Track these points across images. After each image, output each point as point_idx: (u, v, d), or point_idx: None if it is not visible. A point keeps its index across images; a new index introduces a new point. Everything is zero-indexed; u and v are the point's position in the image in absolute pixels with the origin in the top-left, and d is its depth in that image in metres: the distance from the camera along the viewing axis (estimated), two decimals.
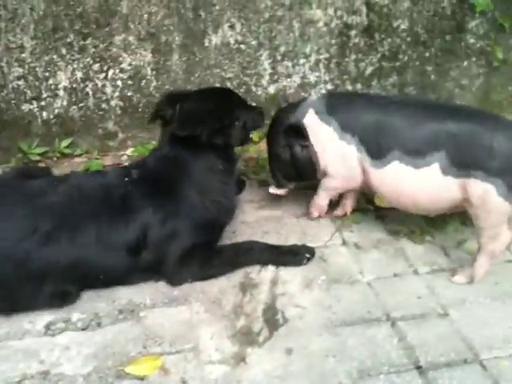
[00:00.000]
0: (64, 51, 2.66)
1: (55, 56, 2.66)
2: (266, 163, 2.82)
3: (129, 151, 2.92)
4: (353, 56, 3.02)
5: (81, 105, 2.80)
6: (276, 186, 2.37)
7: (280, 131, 2.21)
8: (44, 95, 2.74)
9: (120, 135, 2.90)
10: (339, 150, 2.08)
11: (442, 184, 1.92)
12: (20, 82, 2.69)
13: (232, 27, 2.78)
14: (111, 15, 2.63)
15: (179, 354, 1.78)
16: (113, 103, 2.82)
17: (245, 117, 2.20)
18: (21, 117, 2.76)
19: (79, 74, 2.73)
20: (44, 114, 2.78)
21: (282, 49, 2.91)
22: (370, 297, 2.02)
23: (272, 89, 3.01)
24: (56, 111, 2.79)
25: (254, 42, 2.85)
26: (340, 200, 2.41)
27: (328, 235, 2.34)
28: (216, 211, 2.14)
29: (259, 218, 2.45)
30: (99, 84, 2.77)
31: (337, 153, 2.10)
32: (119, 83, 2.78)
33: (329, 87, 3.08)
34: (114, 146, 2.91)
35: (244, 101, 2.31)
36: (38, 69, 2.68)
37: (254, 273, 2.14)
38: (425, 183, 1.94)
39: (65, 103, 2.78)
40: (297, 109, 2.19)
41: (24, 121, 2.77)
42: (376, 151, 1.99)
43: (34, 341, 1.83)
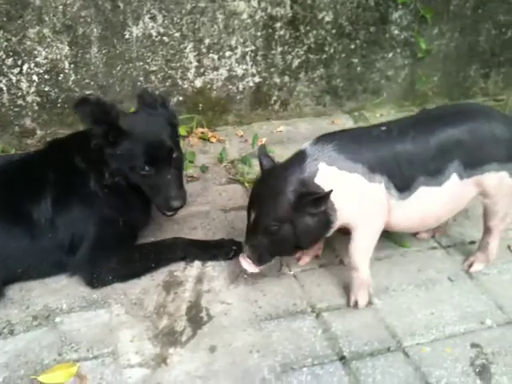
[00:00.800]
0: None
1: None
2: (193, 157, 2.79)
3: None
4: (279, 48, 3.00)
5: None
6: (253, 262, 1.87)
7: (283, 205, 1.75)
8: None
9: (38, 132, 2.78)
10: (369, 194, 1.82)
11: (461, 189, 1.89)
12: None
13: (153, 19, 2.69)
14: (23, 7, 2.49)
15: (96, 360, 1.71)
16: (29, 99, 2.69)
17: None
18: None
19: None
20: None
21: (207, 41, 2.85)
22: (296, 289, 2.01)
23: (199, 82, 2.95)
24: None
25: (177, 34, 2.77)
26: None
27: None
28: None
29: (186, 214, 2.37)
30: (14, 79, 2.63)
31: (367, 197, 1.82)
32: (35, 78, 2.65)
33: (257, 80, 3.05)
34: (33, 144, 2.77)
35: None
36: None
37: (179, 271, 2.08)
38: (448, 196, 1.89)
39: None
40: (299, 170, 1.78)
41: None
42: (403, 184, 1.84)
43: None
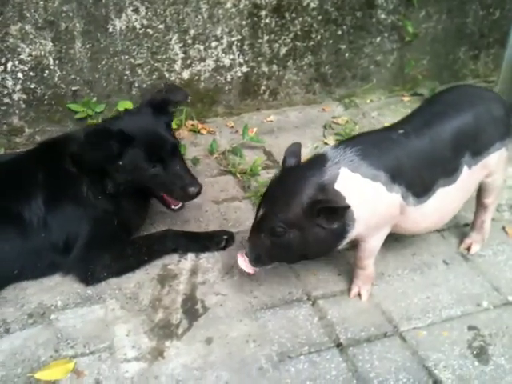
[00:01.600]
0: None
1: None
2: (184, 150, 2.76)
3: None
4: (266, 37, 2.98)
5: None
6: (250, 262, 1.76)
7: (294, 207, 1.62)
8: None
9: (27, 130, 2.74)
10: (387, 205, 1.74)
11: (471, 177, 1.89)
12: None
13: (136, 11, 2.66)
14: (3, 3, 2.45)
15: (93, 355, 1.70)
16: (15, 97, 2.65)
17: None
18: None
19: None
20: None
21: (192, 32, 2.82)
22: (292, 278, 2.00)
23: (186, 74, 2.92)
24: None
25: (162, 26, 2.74)
26: None
27: (249, 220, 2.28)
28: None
29: None
30: None
31: (384, 208, 1.74)
32: (20, 75, 2.61)
33: (244, 70, 3.02)
34: (22, 142, 2.75)
35: None
36: None
37: (173, 264, 2.07)
38: (461, 188, 1.87)
39: None
40: (319, 173, 1.65)
41: None
42: (421, 189, 1.79)
43: None
